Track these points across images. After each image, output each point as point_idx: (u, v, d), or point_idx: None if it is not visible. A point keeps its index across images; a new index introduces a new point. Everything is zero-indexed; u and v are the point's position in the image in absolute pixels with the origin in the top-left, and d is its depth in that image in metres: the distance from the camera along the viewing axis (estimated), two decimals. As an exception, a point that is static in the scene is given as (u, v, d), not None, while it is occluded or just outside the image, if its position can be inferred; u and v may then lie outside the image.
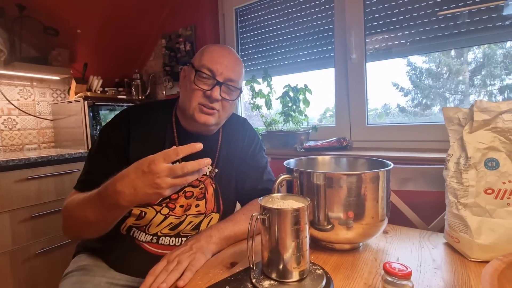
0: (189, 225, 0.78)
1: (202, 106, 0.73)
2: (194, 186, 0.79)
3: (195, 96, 0.73)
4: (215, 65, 0.73)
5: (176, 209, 0.77)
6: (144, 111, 0.81)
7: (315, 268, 0.53)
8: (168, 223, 0.76)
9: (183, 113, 0.78)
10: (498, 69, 1.23)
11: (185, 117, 0.78)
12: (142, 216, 0.75)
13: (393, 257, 0.60)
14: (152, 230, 0.75)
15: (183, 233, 0.78)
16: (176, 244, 0.76)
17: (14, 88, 1.93)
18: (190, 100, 0.74)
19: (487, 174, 0.57)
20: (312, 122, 1.65)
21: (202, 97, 0.73)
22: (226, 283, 0.51)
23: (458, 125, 0.63)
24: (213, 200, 0.81)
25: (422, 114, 1.42)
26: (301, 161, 0.76)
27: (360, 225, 0.58)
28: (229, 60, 0.76)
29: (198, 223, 0.79)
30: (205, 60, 0.74)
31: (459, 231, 0.60)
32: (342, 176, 0.58)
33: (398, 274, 0.42)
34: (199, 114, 0.74)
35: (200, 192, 0.79)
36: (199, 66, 0.74)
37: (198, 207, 0.79)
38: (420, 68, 1.41)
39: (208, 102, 0.73)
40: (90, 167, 0.75)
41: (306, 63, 1.62)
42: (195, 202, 0.79)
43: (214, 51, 0.76)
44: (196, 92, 0.73)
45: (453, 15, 1.19)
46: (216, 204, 0.82)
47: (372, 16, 1.37)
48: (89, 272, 0.74)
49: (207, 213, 0.81)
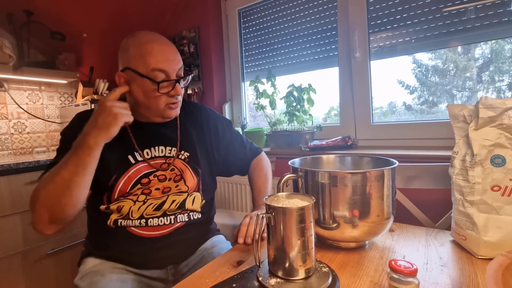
0: (173, 204, 0.80)
1: (169, 105, 0.78)
2: (163, 169, 0.81)
3: (160, 100, 0.76)
4: (165, 65, 0.74)
5: (152, 193, 0.79)
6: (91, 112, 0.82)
7: (321, 266, 0.54)
8: (149, 204, 0.78)
9: (139, 109, 0.80)
10: (507, 65, 1.22)
11: (142, 112, 0.80)
12: (120, 209, 0.76)
13: (399, 255, 0.60)
14: (135, 215, 0.77)
15: (170, 212, 0.80)
16: (166, 223, 0.79)
17: (23, 93, 1.96)
18: (156, 105, 0.76)
19: (494, 171, 0.57)
20: (317, 122, 1.65)
21: (167, 98, 0.77)
22: (233, 281, 0.52)
23: (463, 122, 0.63)
24: (195, 179, 0.84)
25: (429, 111, 1.41)
26: (306, 160, 0.77)
27: (365, 223, 0.58)
28: (170, 51, 0.76)
29: (182, 201, 0.81)
30: (152, 63, 0.73)
31: (466, 228, 0.59)
32: (347, 175, 0.58)
33: (404, 272, 0.42)
34: (168, 112, 0.79)
35: (175, 174, 0.82)
36: (149, 72, 0.73)
37: (178, 187, 0.82)
38: (426, 65, 1.40)
39: (173, 100, 0.77)
40: (54, 161, 0.74)
41: (310, 62, 1.62)
42: (173, 183, 0.81)
43: (155, 51, 0.74)
44: (160, 97, 0.75)
45: (459, 11, 1.18)
46: (201, 179, 0.86)
47: (375, 14, 1.37)
48: (98, 272, 0.75)
49: (189, 192, 0.83)
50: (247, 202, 1.64)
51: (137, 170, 0.79)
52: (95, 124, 0.66)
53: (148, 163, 0.80)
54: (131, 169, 0.78)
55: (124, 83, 0.77)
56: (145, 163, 0.80)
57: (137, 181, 0.78)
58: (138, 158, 0.80)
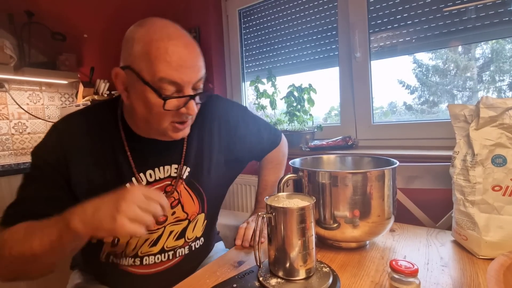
0: (170, 235, 0.68)
1: (176, 124, 0.60)
2: (168, 193, 0.67)
3: (164, 118, 0.58)
4: (179, 75, 0.54)
5: None
6: (77, 125, 0.64)
7: (321, 267, 0.54)
8: (144, 241, 0.66)
9: (137, 120, 0.63)
10: (507, 65, 1.21)
11: (141, 125, 0.63)
12: (115, 243, 0.65)
13: (400, 255, 0.60)
14: (129, 253, 0.66)
15: (168, 247, 0.68)
16: (163, 260, 0.68)
17: (24, 93, 1.97)
18: (158, 123, 0.59)
19: (495, 171, 0.57)
20: (317, 122, 1.65)
21: (174, 116, 0.58)
22: (233, 281, 0.52)
23: (464, 122, 0.63)
24: (196, 201, 0.71)
25: (430, 111, 1.41)
26: (307, 160, 0.76)
27: (366, 223, 0.58)
28: (189, 56, 0.56)
29: (182, 230, 0.69)
30: (161, 70, 0.53)
31: (467, 228, 0.59)
32: (347, 175, 0.58)
33: (404, 272, 0.42)
34: (173, 133, 0.61)
35: (173, 198, 0.68)
36: (155, 81, 0.54)
37: (174, 215, 0.68)
38: (426, 65, 1.40)
39: (183, 119, 0.60)
40: (23, 195, 0.60)
41: (310, 62, 1.62)
42: (169, 211, 0.67)
43: (169, 54, 0.54)
44: (166, 114, 0.57)
45: (459, 10, 1.18)
46: (201, 204, 0.72)
47: (376, 14, 1.37)
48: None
49: (191, 218, 0.70)
50: (250, 203, 1.64)
51: None
52: (97, 204, 0.48)
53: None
54: None
55: (120, 84, 0.59)
56: (158, 184, 0.66)
57: None
58: (154, 177, 0.66)
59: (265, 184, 0.90)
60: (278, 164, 0.93)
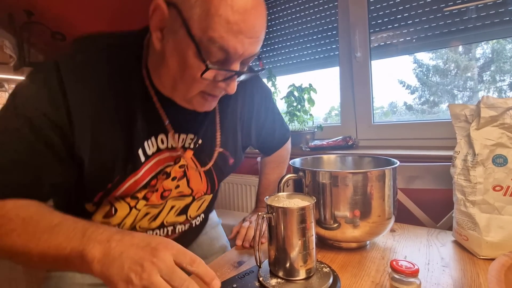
0: (171, 210, 0.62)
1: (205, 95, 0.50)
2: (176, 163, 0.58)
3: (196, 85, 0.48)
4: (234, 43, 0.43)
5: (152, 197, 0.58)
6: (89, 69, 0.48)
7: (322, 267, 0.53)
8: (144, 214, 0.59)
9: (164, 77, 0.50)
10: (508, 64, 1.21)
11: (165, 81, 0.51)
12: (113, 214, 0.56)
13: (401, 255, 0.60)
14: (126, 227, 0.59)
15: (168, 223, 0.63)
16: (161, 235, 0.62)
17: (24, 93, 1.97)
18: (186, 88, 0.48)
19: (495, 171, 0.56)
20: (318, 121, 1.65)
21: (208, 86, 0.49)
22: (233, 281, 0.52)
23: (465, 122, 0.63)
24: (204, 179, 0.64)
25: (430, 111, 1.41)
26: (307, 160, 0.76)
27: (366, 223, 0.58)
28: (258, 25, 0.45)
29: (184, 207, 0.63)
30: (216, 30, 0.41)
31: (468, 228, 0.59)
32: (347, 175, 0.58)
33: (405, 272, 0.42)
34: (199, 104, 0.51)
35: (180, 170, 0.59)
36: (202, 40, 0.42)
37: (178, 188, 0.60)
38: (427, 65, 1.40)
39: (215, 93, 0.50)
40: (10, 158, 0.44)
41: (311, 62, 1.62)
42: (173, 183, 0.59)
43: (233, 11, 0.41)
44: (199, 82, 0.47)
45: (460, 10, 1.18)
46: (210, 185, 0.65)
47: (376, 14, 1.36)
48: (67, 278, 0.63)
49: (196, 196, 0.64)
50: (250, 203, 1.63)
51: (159, 162, 0.55)
52: (121, 247, 0.38)
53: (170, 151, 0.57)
54: (151, 161, 0.54)
55: (157, 22, 0.45)
56: (168, 152, 0.56)
57: (147, 183, 0.55)
58: (168, 144, 0.56)
59: (267, 184, 0.88)
60: (282, 163, 0.90)
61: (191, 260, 0.39)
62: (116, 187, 0.53)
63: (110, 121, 0.49)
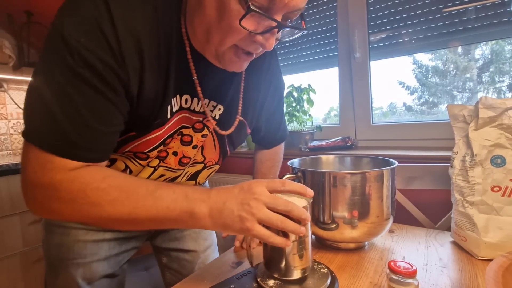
0: (185, 176, 0.63)
1: (239, 52, 0.46)
2: (196, 129, 0.56)
3: (232, 36, 0.42)
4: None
5: (168, 158, 0.56)
6: (138, 11, 0.42)
7: (320, 267, 0.53)
8: (159, 175, 0.58)
9: (198, 28, 0.46)
10: (507, 66, 1.21)
11: (199, 33, 0.46)
12: (127, 172, 0.57)
13: (399, 256, 0.59)
14: None
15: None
16: None
17: (23, 93, 1.96)
18: (221, 38, 0.43)
19: (494, 171, 0.56)
20: (317, 122, 1.64)
21: (243, 40, 0.44)
22: (231, 282, 0.51)
23: (463, 123, 0.63)
24: (218, 150, 0.63)
25: (429, 112, 1.41)
26: (305, 161, 0.76)
27: (365, 224, 0.58)
28: None
29: (195, 173, 0.64)
30: None
31: (466, 229, 0.59)
32: (346, 175, 0.57)
33: (403, 273, 0.42)
34: (229, 61, 0.47)
35: (202, 140, 0.59)
36: None
37: (194, 157, 0.61)
38: (426, 66, 1.40)
39: (250, 49, 0.45)
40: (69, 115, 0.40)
41: (310, 62, 1.62)
42: (193, 151, 0.59)
43: None
44: (236, 32, 0.41)
45: (459, 11, 1.18)
46: (222, 155, 0.65)
47: (375, 14, 1.37)
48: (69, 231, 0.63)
49: (207, 164, 0.64)
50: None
51: (178, 120, 0.53)
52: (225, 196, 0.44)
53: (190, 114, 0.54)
54: (173, 119, 0.52)
55: None
56: (187, 113, 0.54)
57: (163, 141, 0.53)
58: (191, 105, 0.53)
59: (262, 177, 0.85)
60: (278, 162, 0.89)
61: (281, 184, 0.45)
62: (136, 138, 0.50)
63: (151, 68, 0.45)
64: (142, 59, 0.43)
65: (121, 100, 0.43)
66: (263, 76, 0.65)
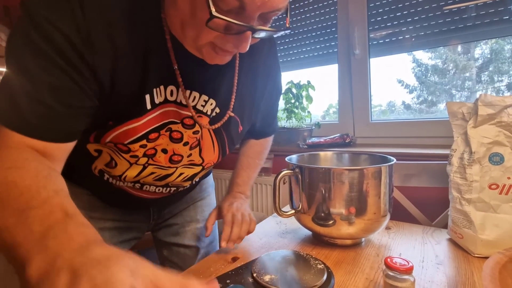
0: (180, 176, 0.60)
1: (216, 47, 0.43)
2: (186, 125, 0.53)
3: (206, 34, 0.40)
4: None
5: (157, 156, 0.53)
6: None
7: (316, 263, 0.53)
8: (149, 173, 0.56)
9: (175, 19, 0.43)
10: (506, 65, 1.21)
11: (176, 24, 0.44)
12: (113, 166, 0.53)
13: (396, 253, 0.59)
14: (129, 179, 0.56)
15: (173, 184, 0.62)
16: (164, 192, 0.63)
17: (20, 86, 1.95)
18: (196, 34, 0.41)
19: (492, 169, 0.56)
20: (315, 119, 1.64)
21: (218, 38, 0.41)
22: (227, 277, 0.51)
23: (462, 120, 0.62)
24: (217, 150, 0.60)
25: (428, 111, 1.41)
26: (303, 157, 0.76)
27: (362, 220, 0.58)
28: None
29: (192, 175, 0.62)
30: None
31: (463, 226, 0.59)
32: (344, 171, 0.57)
33: (399, 269, 0.42)
34: (209, 54, 0.44)
35: (195, 138, 0.55)
36: None
37: (190, 157, 0.57)
38: (425, 64, 1.39)
39: (226, 47, 0.43)
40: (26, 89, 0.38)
41: (309, 59, 1.61)
42: (185, 149, 0.55)
43: None
44: (207, 32, 0.40)
45: (459, 9, 1.17)
46: (221, 154, 0.62)
47: (375, 11, 1.36)
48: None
49: (206, 165, 0.61)
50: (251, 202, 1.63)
51: (164, 114, 0.50)
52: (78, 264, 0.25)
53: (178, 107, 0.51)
54: (156, 111, 0.49)
55: None
56: (175, 107, 0.50)
57: (145, 134, 0.49)
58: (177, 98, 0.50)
59: (246, 164, 0.79)
60: (266, 149, 0.83)
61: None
62: (113, 127, 0.47)
63: (125, 55, 0.42)
64: (113, 43, 0.41)
65: (87, 83, 0.41)
66: (260, 71, 0.62)
